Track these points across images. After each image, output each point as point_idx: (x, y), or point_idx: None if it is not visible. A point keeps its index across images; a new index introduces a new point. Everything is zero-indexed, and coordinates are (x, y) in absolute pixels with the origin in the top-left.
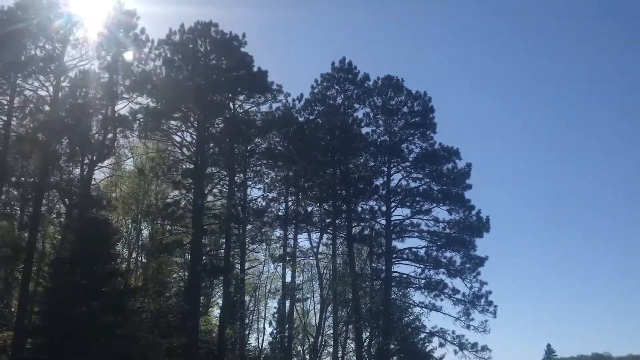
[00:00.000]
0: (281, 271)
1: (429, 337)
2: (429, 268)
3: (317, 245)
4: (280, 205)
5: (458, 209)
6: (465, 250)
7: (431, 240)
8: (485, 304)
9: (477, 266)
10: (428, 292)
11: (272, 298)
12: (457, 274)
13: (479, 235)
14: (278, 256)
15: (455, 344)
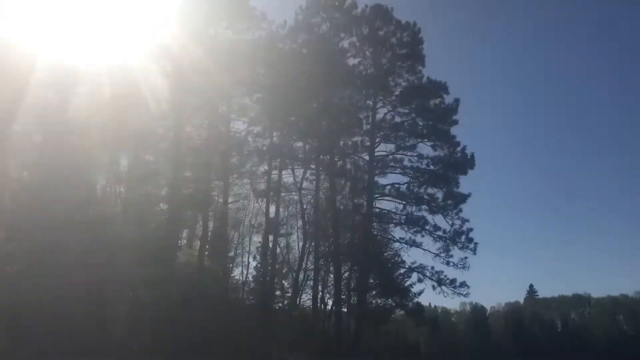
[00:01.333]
0: (265, 206)
1: (408, 272)
2: (411, 204)
3: (301, 181)
4: (265, 140)
5: (443, 145)
6: (448, 187)
7: (414, 176)
8: (465, 241)
9: (459, 203)
10: (408, 228)
11: (256, 233)
12: (438, 211)
13: (463, 172)
14: (261, 191)
15: (434, 279)
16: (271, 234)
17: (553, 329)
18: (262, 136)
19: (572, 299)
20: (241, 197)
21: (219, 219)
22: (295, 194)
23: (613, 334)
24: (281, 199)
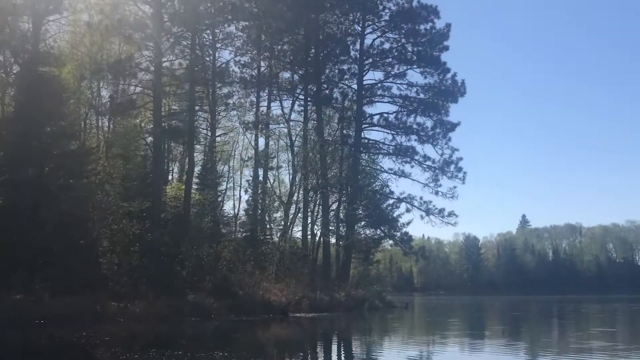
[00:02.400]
0: (253, 139)
1: (396, 203)
2: (400, 134)
3: (289, 112)
4: (253, 71)
5: (433, 72)
6: (438, 115)
7: (403, 105)
8: (454, 170)
9: (449, 132)
10: (397, 158)
11: (246, 166)
12: (428, 140)
13: (453, 100)
14: (250, 123)
15: (423, 209)
16: (261, 168)
17: (544, 258)
18: (249, 66)
19: (564, 228)
20: (229, 130)
21: (208, 153)
22: (284, 127)
23: (603, 262)
24: (270, 132)
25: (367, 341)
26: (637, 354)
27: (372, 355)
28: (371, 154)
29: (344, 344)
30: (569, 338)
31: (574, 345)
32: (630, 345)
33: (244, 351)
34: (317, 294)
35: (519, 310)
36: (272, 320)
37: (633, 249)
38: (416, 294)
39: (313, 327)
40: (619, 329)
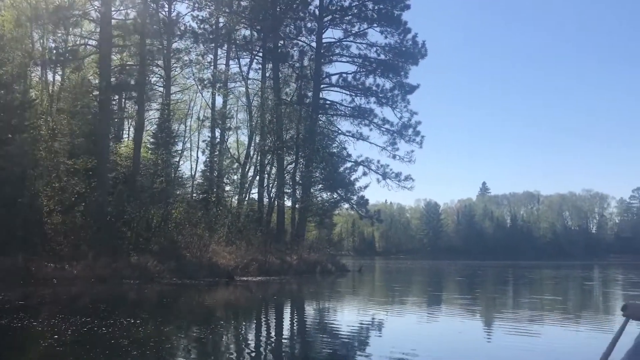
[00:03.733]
0: (210, 98)
1: (354, 166)
2: (359, 95)
3: (247, 70)
4: (211, 27)
5: (393, 32)
6: (397, 77)
7: (362, 65)
8: (412, 134)
9: (407, 94)
10: (355, 120)
11: (203, 126)
12: (387, 103)
13: (414, 62)
14: (207, 81)
15: (379, 173)
16: (218, 128)
17: (503, 224)
18: (207, 22)
19: (523, 196)
20: (185, 88)
21: (161, 111)
22: (242, 85)
23: (559, 229)
24: (228, 91)
25: (301, 305)
26: (566, 322)
27: (300, 320)
28: (329, 115)
29: (276, 307)
30: (501, 303)
31: (505, 311)
32: (563, 313)
33: (164, 316)
34: (267, 258)
35: (465, 276)
36: (215, 284)
37: (588, 216)
38: (377, 257)
39: (255, 291)
40: (558, 296)
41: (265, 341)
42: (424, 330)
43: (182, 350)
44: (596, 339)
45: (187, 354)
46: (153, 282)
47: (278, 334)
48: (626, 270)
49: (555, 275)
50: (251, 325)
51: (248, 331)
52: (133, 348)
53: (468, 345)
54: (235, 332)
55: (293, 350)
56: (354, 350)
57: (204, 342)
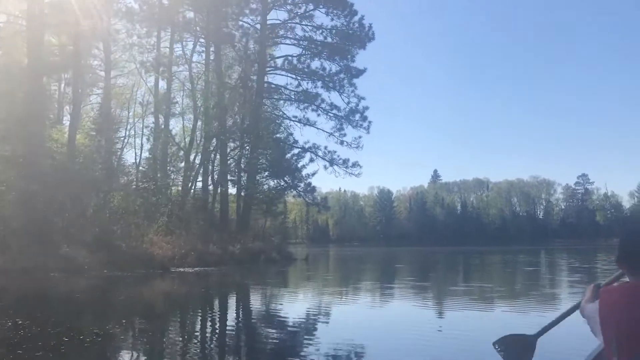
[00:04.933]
0: (153, 82)
1: (301, 152)
2: (305, 79)
3: (191, 54)
4: (153, 8)
5: (339, 14)
6: (344, 60)
7: (307, 47)
8: (360, 119)
9: (354, 77)
10: (302, 105)
11: (147, 113)
12: (334, 87)
13: (361, 45)
14: (150, 64)
15: (327, 159)
16: (162, 114)
17: (453, 211)
18: (148, 3)
19: (473, 183)
20: (127, 72)
21: (104, 96)
22: (187, 70)
23: (507, 215)
24: (172, 75)
25: (224, 297)
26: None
27: (222, 313)
28: (274, 99)
29: (202, 299)
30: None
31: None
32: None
33: (64, 314)
34: (207, 247)
35: (404, 262)
36: (148, 276)
37: (535, 202)
38: (331, 245)
39: (185, 283)
40: (494, 279)
41: (169, 340)
42: (364, 318)
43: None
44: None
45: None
46: (82, 274)
47: (190, 330)
48: (570, 254)
49: (501, 260)
50: (159, 322)
51: (156, 330)
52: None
53: (415, 331)
54: (141, 331)
55: (203, 350)
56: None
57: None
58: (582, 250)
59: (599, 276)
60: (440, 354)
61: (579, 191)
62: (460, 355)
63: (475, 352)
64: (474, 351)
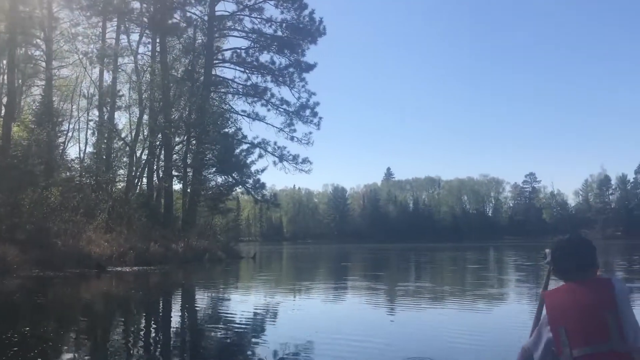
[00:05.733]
0: (98, 74)
1: (251, 148)
2: (254, 72)
3: (137, 45)
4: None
5: (289, 7)
6: (294, 54)
7: (256, 40)
8: (310, 115)
9: (304, 72)
10: (251, 99)
11: (92, 106)
12: (284, 82)
13: (312, 40)
14: (94, 56)
15: (276, 155)
16: (107, 107)
17: (406, 208)
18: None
19: (425, 181)
20: (70, 63)
21: (45, 87)
22: (132, 62)
23: (458, 212)
24: (118, 67)
25: (156, 298)
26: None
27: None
28: (222, 93)
29: (130, 300)
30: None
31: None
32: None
33: None
34: (149, 245)
35: (351, 260)
36: (81, 276)
37: (484, 200)
38: (285, 243)
39: (121, 283)
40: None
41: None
42: (306, 316)
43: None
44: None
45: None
46: (10, 274)
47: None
48: (517, 252)
49: (448, 258)
50: (70, 326)
51: (68, 334)
52: None
53: (365, 328)
54: (42, 339)
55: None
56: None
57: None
58: (529, 248)
59: (540, 274)
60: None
61: (527, 190)
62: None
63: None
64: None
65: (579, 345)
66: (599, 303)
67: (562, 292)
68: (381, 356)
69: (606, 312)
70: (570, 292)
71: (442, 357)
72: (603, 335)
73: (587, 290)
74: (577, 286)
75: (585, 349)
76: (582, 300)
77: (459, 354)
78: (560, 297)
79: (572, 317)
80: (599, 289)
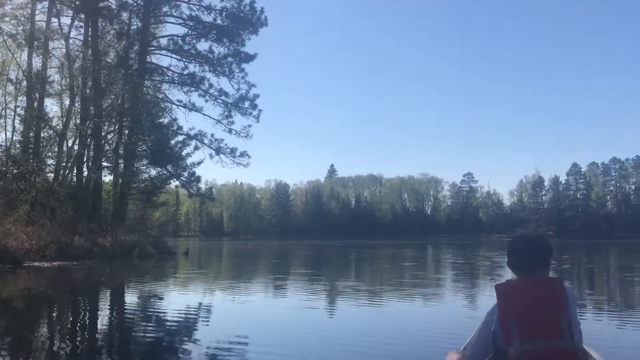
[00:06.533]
0: (26, 58)
1: (187, 140)
2: (191, 61)
3: (69, 29)
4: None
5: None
6: (233, 44)
7: (194, 28)
8: (249, 107)
9: (243, 62)
10: (186, 88)
11: (20, 92)
12: (223, 72)
13: (253, 30)
14: (22, 39)
15: (213, 147)
16: (36, 93)
17: (348, 205)
18: None
19: (367, 179)
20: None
21: None
22: (64, 46)
23: (398, 210)
24: (49, 52)
25: (72, 296)
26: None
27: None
28: (157, 82)
29: (39, 298)
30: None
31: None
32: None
33: None
34: (73, 239)
35: (285, 257)
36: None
37: (424, 198)
38: (225, 238)
39: (37, 279)
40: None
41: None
42: (231, 315)
43: None
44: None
45: None
46: None
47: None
48: (454, 250)
49: (387, 255)
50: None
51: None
52: None
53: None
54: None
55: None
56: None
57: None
58: (464, 246)
59: (476, 273)
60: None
61: (464, 189)
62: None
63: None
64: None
65: (530, 339)
66: (555, 307)
67: (516, 288)
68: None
69: (562, 315)
70: (525, 290)
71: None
72: (555, 334)
73: (543, 291)
74: (533, 285)
75: (536, 343)
76: (538, 300)
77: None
78: (514, 292)
79: (526, 313)
80: (554, 292)
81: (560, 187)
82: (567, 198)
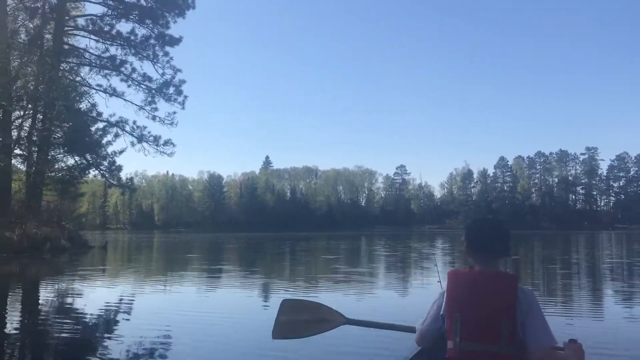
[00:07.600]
0: None
1: (108, 127)
2: (115, 45)
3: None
4: None
5: None
6: (157, 26)
7: (114, 7)
8: (174, 93)
9: (167, 45)
10: (106, 71)
11: None
12: (147, 57)
13: (179, 13)
14: None
15: (135, 135)
16: None
17: (283, 197)
18: None
19: (302, 170)
20: None
21: None
22: None
23: (333, 202)
24: None
25: None
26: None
27: None
28: (74, 64)
29: None
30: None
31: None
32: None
33: None
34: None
35: (207, 251)
36: None
37: (359, 191)
38: (156, 231)
39: None
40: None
41: None
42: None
43: None
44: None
45: None
46: None
47: None
48: (386, 241)
49: (320, 247)
50: None
51: None
52: None
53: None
54: None
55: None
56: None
57: None
58: (397, 237)
59: (405, 265)
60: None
61: (397, 181)
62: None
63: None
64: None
65: (469, 339)
66: (499, 309)
67: (465, 279)
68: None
69: (504, 318)
70: (474, 283)
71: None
72: (494, 337)
73: (492, 288)
74: (483, 279)
75: (474, 344)
76: (483, 298)
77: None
78: (462, 284)
79: (470, 309)
80: (502, 292)
81: (488, 180)
82: (494, 190)
